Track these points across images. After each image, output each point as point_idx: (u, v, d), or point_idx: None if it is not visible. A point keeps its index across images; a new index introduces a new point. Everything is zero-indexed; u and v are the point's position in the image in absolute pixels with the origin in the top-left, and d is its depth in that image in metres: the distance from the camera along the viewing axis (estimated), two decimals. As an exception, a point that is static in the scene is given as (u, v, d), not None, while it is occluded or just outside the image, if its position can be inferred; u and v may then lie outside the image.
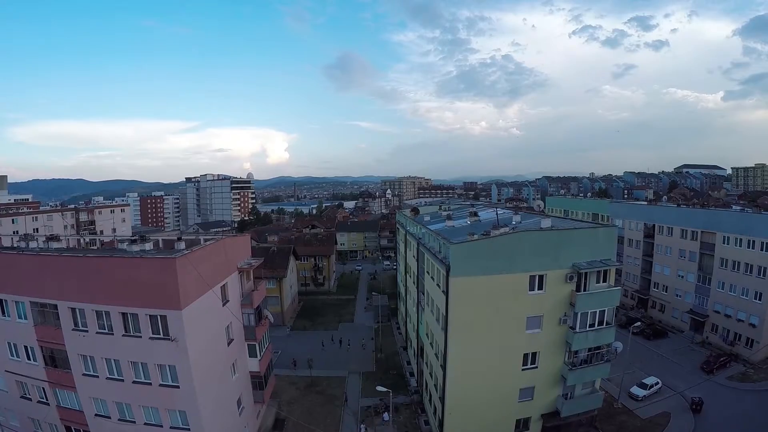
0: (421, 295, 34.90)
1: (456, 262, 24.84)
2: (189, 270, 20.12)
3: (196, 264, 20.98)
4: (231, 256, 26.57)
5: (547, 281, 28.01)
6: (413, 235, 39.55)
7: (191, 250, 20.93)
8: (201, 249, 21.76)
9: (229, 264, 26.15)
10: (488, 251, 25.44)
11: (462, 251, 24.91)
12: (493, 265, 25.67)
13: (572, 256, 28.52)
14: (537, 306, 28.12)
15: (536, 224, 34.50)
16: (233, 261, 27.05)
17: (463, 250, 24.91)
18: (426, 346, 34.37)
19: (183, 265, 19.88)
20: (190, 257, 20.41)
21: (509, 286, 26.54)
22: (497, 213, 32.57)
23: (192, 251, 20.85)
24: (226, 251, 25.33)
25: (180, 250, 22.42)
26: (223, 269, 25.18)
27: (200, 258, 21.64)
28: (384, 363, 46.23)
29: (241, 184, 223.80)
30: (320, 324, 58.01)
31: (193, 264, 20.46)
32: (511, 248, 26.02)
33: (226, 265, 25.58)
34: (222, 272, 24.95)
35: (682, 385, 40.31)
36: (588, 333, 29.83)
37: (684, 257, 57.76)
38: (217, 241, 24.31)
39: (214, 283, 23.66)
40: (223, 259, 25.00)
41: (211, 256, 23.11)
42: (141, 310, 21.37)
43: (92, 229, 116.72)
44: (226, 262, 25.52)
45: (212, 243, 23.44)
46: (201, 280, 21.27)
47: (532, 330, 28.58)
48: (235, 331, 27.47)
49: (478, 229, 35.94)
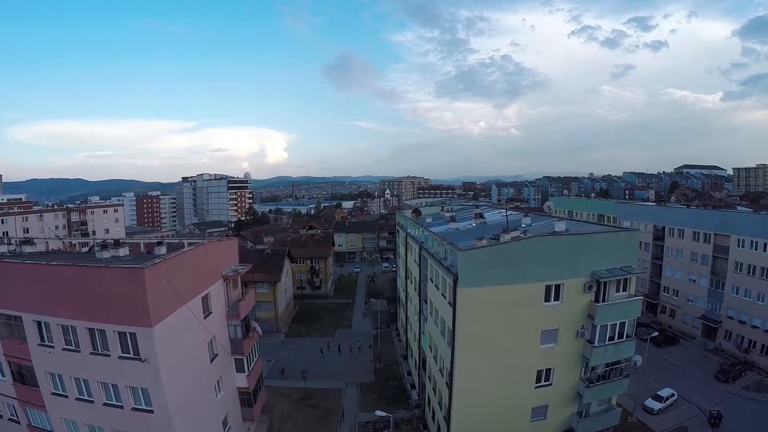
0: (424, 303, 32.31)
1: (465, 271, 22.23)
2: (161, 281, 17.49)
3: (171, 274, 18.35)
4: (215, 262, 23.92)
5: (565, 291, 25.49)
6: (415, 238, 36.92)
7: (164, 258, 18.23)
8: (176, 257, 19.07)
9: (213, 271, 23.49)
10: (500, 259, 22.83)
11: (471, 259, 22.28)
12: (506, 274, 23.08)
13: (591, 264, 26.04)
14: (553, 318, 25.61)
15: (549, 227, 31.94)
16: (218, 268, 24.39)
17: (472, 258, 22.28)
18: (429, 359, 31.81)
19: (153, 276, 17.23)
20: (163, 267, 17.74)
21: (523, 297, 23.97)
22: (506, 215, 30.09)
23: (165, 260, 18.17)
24: (209, 257, 22.68)
25: (156, 257, 19.83)
26: (206, 278, 22.54)
27: (175, 267, 19.01)
28: (383, 373, 43.64)
29: (238, 183, 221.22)
30: (316, 330, 55.31)
31: (166, 274, 17.83)
32: (525, 255, 23.44)
33: (209, 273, 22.92)
34: (204, 281, 22.31)
35: (697, 396, 38.57)
36: (607, 347, 27.43)
37: (696, 260, 56.08)
38: (197, 247, 21.62)
39: (195, 293, 21.05)
40: (205, 266, 22.35)
41: (189, 263, 20.48)
42: (108, 327, 18.78)
43: (84, 230, 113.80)
44: (209, 270, 22.87)
45: (191, 249, 20.76)
46: (177, 292, 18.68)
47: (547, 345, 26.07)
48: (220, 345, 24.85)
49: (485, 233, 33.37)
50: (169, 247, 25.39)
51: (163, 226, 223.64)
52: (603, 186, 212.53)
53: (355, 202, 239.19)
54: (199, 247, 21.71)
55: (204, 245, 22.26)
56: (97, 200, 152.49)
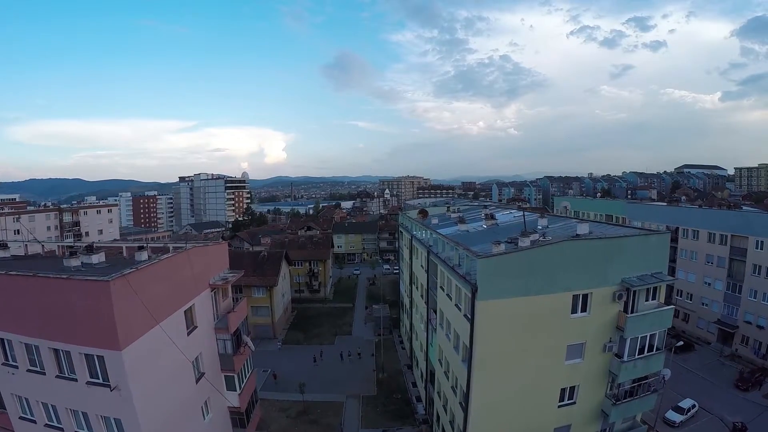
0: (432, 312, 29.60)
1: (485, 281, 19.52)
2: (130, 296, 14.73)
3: (144, 287, 15.60)
4: (201, 269, 21.13)
5: (593, 301, 22.84)
6: (422, 241, 34.13)
7: (136, 268, 15.42)
8: (151, 266, 16.23)
9: (198, 280, 20.70)
10: (525, 267, 20.13)
11: (493, 267, 19.56)
12: (531, 283, 20.41)
13: (621, 270, 23.42)
14: (580, 332, 22.95)
15: (568, 230, 29.35)
16: (204, 276, 21.60)
17: (493, 266, 19.56)
18: (438, 373, 29.14)
19: (121, 291, 14.43)
20: (133, 278, 14.94)
21: (548, 308, 21.30)
22: (524, 216, 27.52)
23: (137, 269, 15.34)
24: (193, 265, 19.90)
25: (132, 265, 17.09)
26: (189, 288, 19.75)
27: (150, 278, 16.21)
28: (386, 384, 40.92)
29: (235, 183, 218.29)
30: (315, 337, 52.48)
31: (137, 287, 15.06)
32: (551, 262, 20.75)
33: (194, 282, 20.12)
34: (187, 292, 19.52)
35: (718, 406, 36.66)
36: (636, 361, 24.82)
37: (711, 263, 54.05)
38: (178, 254, 18.81)
39: (175, 307, 18.30)
40: (189, 274, 19.56)
41: (168, 273, 17.70)
42: (74, 348, 16.03)
43: (77, 231, 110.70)
44: (194, 279, 20.07)
45: (170, 257, 17.95)
46: (153, 307, 15.96)
47: (572, 360, 23.43)
48: (208, 362, 22.11)
49: (498, 236, 30.66)
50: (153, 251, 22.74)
51: (160, 226, 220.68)
52: (605, 186, 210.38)
53: (354, 202, 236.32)
54: (180, 253, 18.88)
55: (187, 251, 19.44)
56: (93, 200, 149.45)
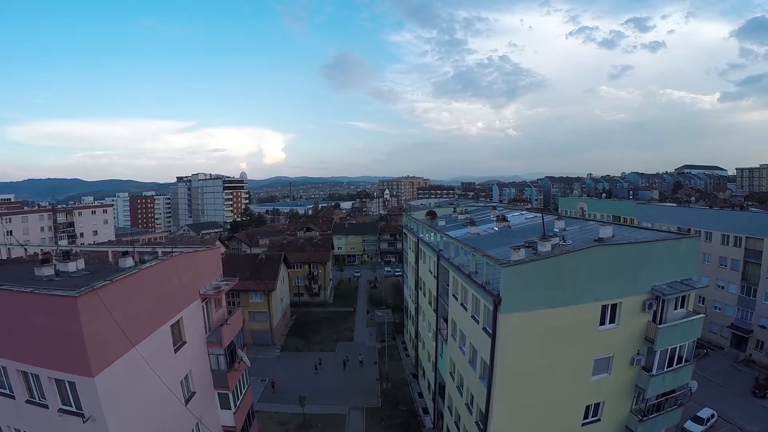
0: (443, 322, 27.50)
1: (510, 293, 17.44)
2: (102, 314, 12.60)
3: (120, 302, 13.47)
4: (190, 278, 19.00)
5: (622, 311, 20.84)
6: (430, 244, 31.99)
7: (111, 280, 13.24)
8: (128, 278, 14.00)
9: (187, 290, 18.56)
10: (552, 275, 18.07)
11: (518, 277, 17.46)
12: (558, 293, 18.35)
13: (651, 277, 21.45)
14: (607, 344, 20.95)
15: (589, 233, 27.31)
16: (194, 285, 19.46)
17: (519, 276, 17.47)
18: (449, 387, 27.06)
19: (90, 308, 12.27)
20: (106, 293, 12.78)
21: (575, 321, 19.26)
22: (543, 218, 25.48)
23: (111, 282, 13.14)
24: (181, 273, 17.76)
25: (113, 274, 14.97)
26: (176, 299, 17.60)
27: (127, 291, 14.04)
28: (391, 395, 38.80)
29: (233, 183, 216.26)
30: (315, 343, 50.26)
31: (111, 303, 12.93)
32: (581, 270, 18.70)
33: (182, 293, 17.98)
34: (173, 304, 17.37)
35: (735, 415, 35.47)
36: (665, 375, 22.97)
37: (725, 266, 52.55)
38: (162, 261, 16.62)
39: (160, 322, 16.16)
40: (176, 284, 17.42)
41: (150, 284, 15.54)
42: (43, 371, 13.91)
43: (71, 231, 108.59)
44: (182, 289, 17.94)
45: (153, 265, 15.76)
46: (132, 324, 13.85)
47: (598, 375, 21.44)
48: (199, 380, 19.99)
49: (513, 239, 28.60)
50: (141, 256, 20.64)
51: (157, 227, 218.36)
52: (606, 186, 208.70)
53: (354, 202, 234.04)
54: (165, 261, 16.72)
55: (174, 258, 17.28)
56: (90, 200, 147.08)
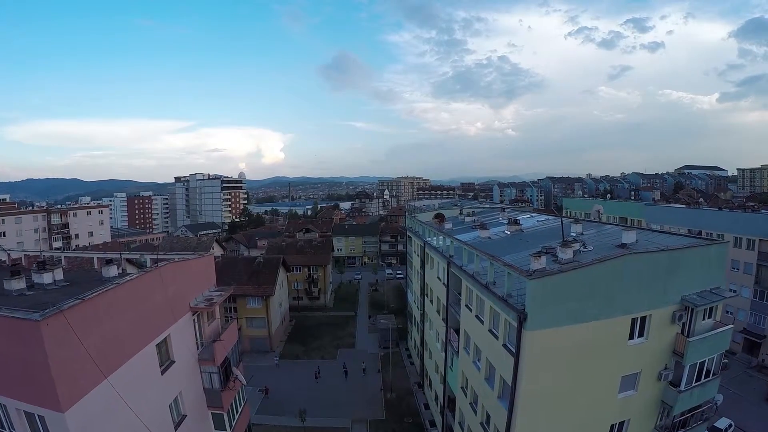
0: (454, 333, 25.68)
1: (537, 307, 15.64)
2: (72, 340, 10.75)
3: (94, 323, 11.61)
4: (178, 290, 17.15)
5: (651, 324, 19.14)
6: (438, 249, 30.13)
7: (82, 299, 11.34)
8: (101, 295, 12.01)
9: (175, 304, 16.71)
10: (582, 287, 16.29)
11: (546, 290, 15.65)
12: (587, 307, 16.58)
13: (682, 287, 19.74)
14: (636, 360, 19.23)
15: (609, 237, 25.55)
16: (183, 297, 17.62)
17: (547, 288, 15.65)
18: (461, 403, 25.28)
19: (57, 333, 10.34)
20: (76, 315, 10.83)
21: (604, 336, 17.51)
22: (562, 222, 23.68)
23: (83, 302, 11.24)
24: (167, 286, 15.90)
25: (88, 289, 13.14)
26: (162, 315, 15.73)
27: (103, 310, 12.10)
28: (395, 406, 36.97)
29: (232, 183, 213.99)
30: (315, 350, 48.38)
31: (82, 326, 11.06)
32: (611, 280, 16.94)
33: (169, 307, 16.12)
34: (159, 321, 15.51)
35: (750, 423, 34.51)
36: (693, 390, 21.32)
37: (737, 269, 51.27)
38: (146, 274, 14.75)
39: (142, 342, 14.29)
40: (161, 298, 15.57)
41: (131, 300, 13.66)
42: (11, 402, 12.06)
43: (66, 232, 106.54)
44: (168, 303, 16.08)
45: (134, 279, 13.86)
46: (108, 347, 12.01)
47: (625, 393, 19.73)
48: (191, 400, 18.14)
49: (528, 244, 26.83)
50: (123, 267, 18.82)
51: (155, 227, 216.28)
52: (607, 186, 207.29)
53: (353, 202, 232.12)
54: (149, 273, 14.82)
55: (159, 269, 15.37)
56: (88, 200, 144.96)
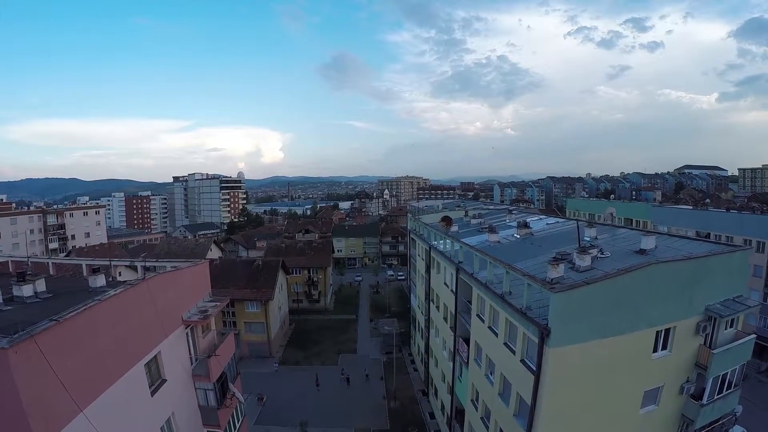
0: (462, 343, 24.44)
1: (561, 322, 14.40)
2: (44, 369, 9.49)
3: (70, 348, 10.29)
4: (170, 302, 15.89)
5: (675, 337, 18.00)
6: (446, 254, 28.83)
7: (57, 321, 10.01)
8: (79, 316, 10.60)
9: (166, 318, 15.45)
10: (608, 299, 15.08)
11: (572, 303, 14.38)
12: (613, 320, 15.38)
13: (705, 296, 18.66)
14: (659, 374, 18.09)
15: (625, 242, 24.32)
16: (174, 310, 16.35)
17: (573, 302, 14.38)
18: (470, 416, 24.07)
19: (29, 362, 8.94)
20: (49, 341, 9.45)
21: (628, 350, 16.32)
22: (578, 226, 22.44)
23: (57, 324, 9.85)
24: (156, 299, 14.61)
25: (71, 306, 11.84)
26: (151, 331, 14.47)
27: (80, 333, 10.73)
28: (399, 415, 35.76)
29: (231, 183, 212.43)
30: (315, 355, 47.11)
31: (58, 352, 9.76)
32: (638, 291, 15.75)
33: (158, 323, 14.84)
34: (148, 337, 14.23)
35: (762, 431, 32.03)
36: (715, 403, 20.31)
37: None
38: (131, 287, 13.42)
39: (129, 363, 13.02)
40: (150, 313, 14.29)
41: (115, 318, 12.32)
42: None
43: (62, 233, 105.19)
44: (158, 317, 14.81)
45: (117, 294, 12.51)
46: (88, 373, 10.75)
47: (647, 408, 18.59)
48: (185, 420, 16.88)
49: (541, 249, 25.60)
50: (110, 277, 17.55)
51: (153, 227, 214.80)
52: (608, 186, 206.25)
53: (353, 202, 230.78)
54: (135, 286, 13.47)
55: (147, 281, 14.04)
56: (86, 200, 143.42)
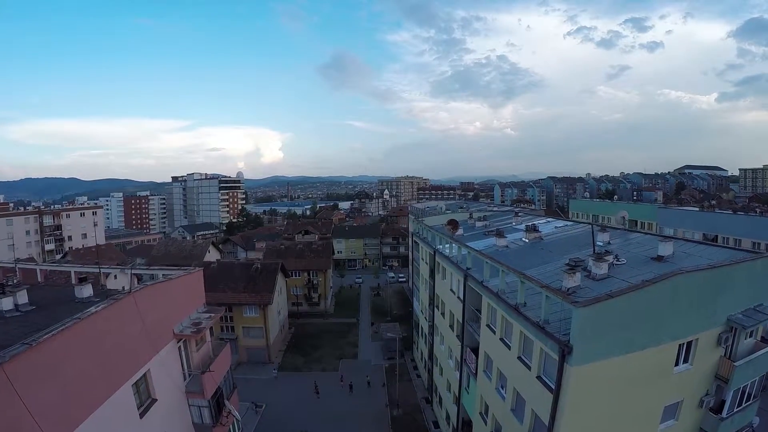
0: (471, 353, 23.39)
1: (584, 339, 13.32)
2: (13, 402, 8.43)
3: (47, 373, 9.26)
4: (160, 316, 14.78)
5: (697, 349, 16.99)
6: (452, 260, 27.70)
7: (29, 344, 8.93)
8: (57, 336, 9.49)
9: (155, 332, 14.33)
10: (634, 312, 14.01)
11: (596, 318, 13.21)
12: (637, 335, 14.34)
13: (727, 307, 17.66)
14: (679, 388, 17.08)
15: (641, 248, 23.26)
16: (165, 323, 15.26)
17: (598, 317, 13.25)
18: (479, 430, 23.07)
19: None
20: (20, 368, 8.32)
21: (651, 365, 15.29)
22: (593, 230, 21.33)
23: (29, 349, 8.75)
24: (145, 313, 13.49)
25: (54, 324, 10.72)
26: (140, 349, 13.35)
27: (59, 355, 9.60)
28: (403, 424, 34.68)
29: (230, 183, 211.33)
30: (316, 361, 46.00)
31: (32, 380, 8.73)
32: (664, 303, 14.72)
33: (147, 339, 13.72)
34: (135, 356, 13.11)
35: None
36: (734, 416, 19.36)
37: None
38: (116, 302, 12.31)
39: (114, 385, 11.95)
40: (138, 329, 13.19)
41: (98, 338, 11.17)
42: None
43: (58, 235, 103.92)
44: (147, 333, 13.69)
45: (99, 311, 11.39)
46: (70, 400, 9.70)
47: (666, 423, 17.58)
48: (176, 437, 15.87)
49: (552, 255, 24.56)
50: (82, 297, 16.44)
51: (152, 228, 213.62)
52: (609, 186, 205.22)
53: (353, 202, 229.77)
54: (119, 301, 12.28)
55: (133, 295, 12.80)
56: (84, 200, 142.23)
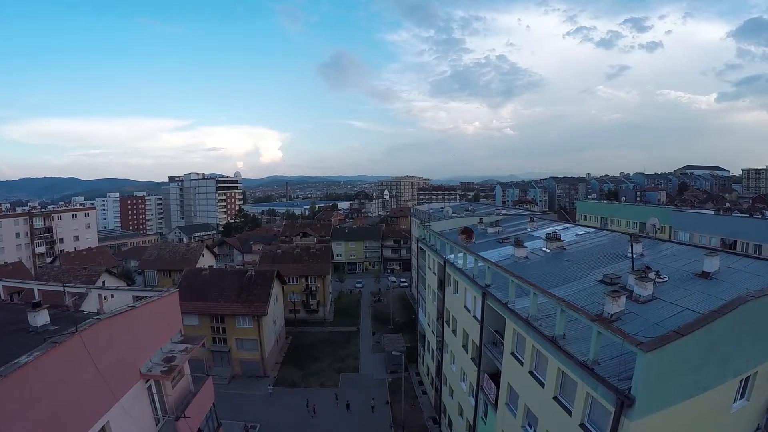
0: (489, 381, 20.68)
1: (649, 388, 10.78)
2: None
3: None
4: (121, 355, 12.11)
5: (756, 383, 14.52)
6: (467, 275, 24.82)
7: None
8: None
9: (117, 374, 11.70)
10: (702, 350, 11.48)
11: (665, 363, 10.63)
12: (702, 376, 11.89)
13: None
14: (735, 426, 14.62)
15: (679, 261, 20.58)
16: (129, 363, 12.63)
17: (667, 361, 10.61)
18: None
19: None
20: None
21: (711, 406, 12.81)
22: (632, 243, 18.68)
23: None
24: (99, 355, 10.83)
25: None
26: (95, 396, 10.66)
27: None
28: (407, 447, 32.28)
29: (227, 183, 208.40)
30: (314, 375, 43.22)
31: None
32: (732, 336, 12.27)
33: (106, 383, 11.08)
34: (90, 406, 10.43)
35: None
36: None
37: None
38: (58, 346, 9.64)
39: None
40: (91, 374, 10.55)
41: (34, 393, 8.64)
42: None
43: (49, 237, 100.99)
44: (104, 377, 11.01)
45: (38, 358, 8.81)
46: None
47: (716, 466, 15.17)
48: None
49: (578, 269, 21.93)
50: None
51: (149, 228, 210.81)
52: (611, 187, 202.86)
53: (352, 203, 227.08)
54: (61, 345, 9.52)
55: (80, 334, 10.05)
56: (81, 200, 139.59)
